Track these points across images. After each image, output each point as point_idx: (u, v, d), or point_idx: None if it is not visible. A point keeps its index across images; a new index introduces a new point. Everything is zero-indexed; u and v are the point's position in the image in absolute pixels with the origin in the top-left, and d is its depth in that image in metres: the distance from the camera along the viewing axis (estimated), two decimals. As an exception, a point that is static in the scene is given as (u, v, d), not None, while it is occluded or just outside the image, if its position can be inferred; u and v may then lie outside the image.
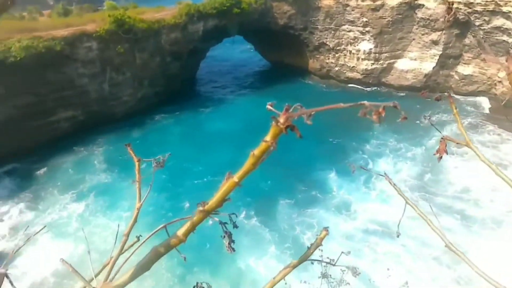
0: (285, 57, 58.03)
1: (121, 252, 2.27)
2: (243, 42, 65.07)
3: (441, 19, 42.79)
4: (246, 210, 28.96)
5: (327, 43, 51.13)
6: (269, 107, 1.45)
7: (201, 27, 46.31)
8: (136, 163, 2.48)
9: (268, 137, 1.37)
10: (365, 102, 1.39)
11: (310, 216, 29.33)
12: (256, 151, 1.42)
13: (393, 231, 26.46)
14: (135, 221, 2.36)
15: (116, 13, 40.20)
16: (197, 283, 2.97)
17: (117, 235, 2.79)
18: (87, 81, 39.09)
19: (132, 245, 2.38)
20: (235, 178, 1.47)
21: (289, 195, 31.32)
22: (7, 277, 2.21)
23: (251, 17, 49.09)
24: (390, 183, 2.83)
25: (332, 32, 50.09)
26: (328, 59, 52.29)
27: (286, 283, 2.51)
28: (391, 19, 45.32)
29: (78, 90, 38.85)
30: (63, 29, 38.30)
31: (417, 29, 45.55)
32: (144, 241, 2.11)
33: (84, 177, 34.07)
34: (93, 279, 2.15)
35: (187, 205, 30.11)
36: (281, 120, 1.34)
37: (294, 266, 2.32)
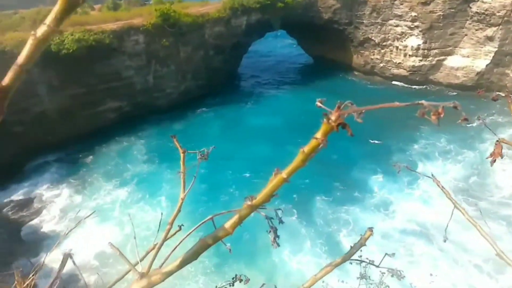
0: (328, 52, 56.92)
1: (165, 240, 2.35)
2: (285, 37, 64.66)
3: (498, 14, 40.10)
4: (284, 204, 28.93)
5: (373, 38, 49.57)
6: (319, 103, 1.44)
7: (244, 21, 46.42)
8: (182, 155, 2.53)
9: (318, 134, 1.35)
10: (423, 101, 1.29)
11: (346, 213, 28.99)
12: (306, 148, 1.39)
13: (432, 233, 25.69)
14: (179, 210, 2.43)
15: (163, 7, 41.16)
16: (236, 275, 3.09)
17: (160, 223, 2.87)
18: (133, 73, 40.41)
19: (174, 234, 2.45)
20: (284, 174, 1.45)
21: (327, 193, 30.97)
22: (71, 257, 2.29)
23: (294, 12, 48.55)
24: (438, 186, 2.74)
25: (378, 27, 48.47)
26: (373, 55, 50.73)
27: (323, 281, 2.47)
28: (442, 14, 43.10)
29: (124, 82, 40.27)
30: (112, 23, 39.76)
31: (470, 24, 43.01)
32: (191, 232, 2.14)
33: (126, 166, 35.39)
34: (138, 263, 2.25)
35: (225, 198, 30.47)
36: (333, 117, 1.31)
37: (336, 265, 2.31)
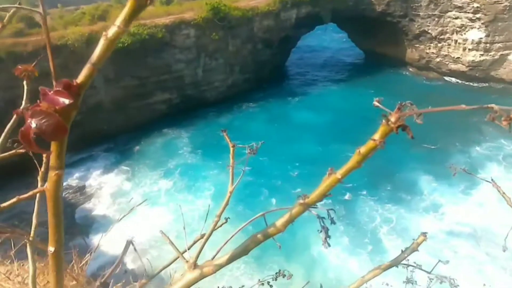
0: (380, 46, 54.81)
1: (212, 231, 2.46)
2: (335, 30, 63.09)
3: None
4: (325, 200, 28.46)
5: (429, 31, 47.03)
6: (376, 103, 1.43)
7: (294, 14, 45.87)
8: (231, 149, 2.58)
9: (376, 136, 1.34)
10: (494, 105, 1.20)
11: (389, 212, 28.14)
12: (363, 149, 1.38)
13: (483, 239, 24.30)
14: (227, 204, 2.50)
15: (213, 1, 41.67)
16: (279, 270, 3.23)
17: (207, 214, 3.01)
18: (183, 66, 41.41)
19: (220, 226, 2.52)
20: (338, 174, 1.45)
21: (372, 191, 30.11)
22: (132, 244, 2.35)
23: (345, 4, 47.26)
24: (499, 191, 2.61)
25: (436, 19, 45.87)
26: (429, 49, 48.15)
27: (366, 283, 2.49)
28: (508, 4, 39.92)
29: (174, 75, 41.39)
30: (165, 17, 40.91)
31: (541, 15, 39.51)
32: (243, 226, 2.17)
33: (172, 157, 36.42)
34: (186, 251, 2.40)
35: (268, 194, 30.40)
36: (392, 119, 1.28)
37: (385, 269, 2.30)
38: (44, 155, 3.05)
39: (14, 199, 2.08)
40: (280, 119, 42.13)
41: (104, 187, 33.13)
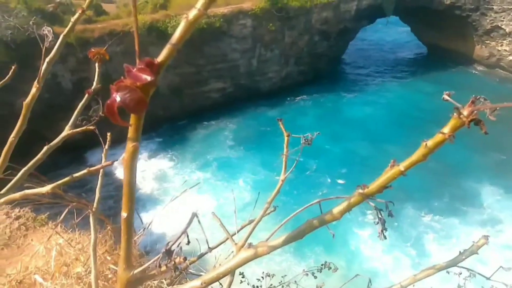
0: (445, 41, 51.63)
1: (262, 216, 2.52)
2: (397, 24, 60.20)
3: None
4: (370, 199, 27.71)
5: (503, 26, 43.48)
6: (446, 97, 1.38)
7: (354, 6, 44.43)
8: (286, 138, 2.66)
9: (446, 129, 1.29)
10: None
11: (439, 223, 26.55)
12: (430, 143, 1.34)
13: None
14: (278, 192, 2.56)
15: (272, -9, 41.48)
16: (325, 262, 3.33)
17: (256, 201, 3.12)
18: (238, 56, 41.80)
19: (269, 213, 2.59)
20: (401, 167, 1.42)
21: (425, 196, 28.46)
22: (196, 216, 2.52)
23: (410, -4, 44.93)
24: None
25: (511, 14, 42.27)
26: (501, 46, 44.57)
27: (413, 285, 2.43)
28: None
29: (229, 64, 41.93)
30: (223, 7, 41.42)
31: None
32: (297, 213, 2.26)
33: (217, 147, 37.04)
34: (235, 233, 2.55)
35: (315, 189, 29.94)
36: (465, 112, 1.22)
37: (440, 269, 2.26)
38: (108, 135, 3.21)
39: (84, 171, 2.21)
40: (332, 115, 41.10)
41: (151, 170, 34.43)
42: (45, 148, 2.39)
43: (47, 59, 2.23)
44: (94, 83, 2.59)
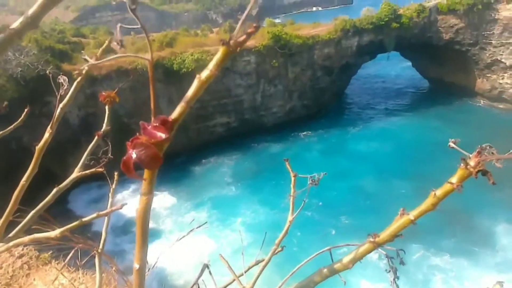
0: (447, 75, 52.34)
1: (271, 258, 2.49)
2: (398, 58, 61.39)
3: None
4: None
5: (503, 60, 44.16)
6: (452, 144, 1.43)
7: (355, 42, 45.53)
8: (292, 178, 2.61)
9: (453, 179, 1.33)
10: None
11: (451, 263, 25.32)
12: (439, 192, 1.38)
13: None
14: (286, 233, 2.52)
15: (275, 29, 42.76)
16: None
17: (263, 242, 2.98)
18: (242, 91, 42.52)
19: (277, 253, 2.55)
20: (411, 216, 1.45)
21: (435, 236, 26.94)
22: (208, 268, 2.45)
23: (410, 32, 46.03)
24: None
25: (511, 48, 43.08)
26: (502, 79, 45.06)
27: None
28: None
29: (234, 99, 42.59)
30: (228, 44, 42.62)
31: None
32: (307, 262, 2.21)
33: (218, 185, 36.41)
34: (242, 274, 2.47)
35: (316, 227, 28.78)
36: (472, 163, 1.26)
37: None
38: (116, 174, 3.18)
39: (94, 215, 2.18)
40: (337, 150, 40.86)
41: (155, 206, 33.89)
42: (55, 190, 2.38)
43: (61, 105, 2.26)
44: (104, 125, 2.60)
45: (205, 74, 1.15)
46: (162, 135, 1.10)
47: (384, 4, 45.90)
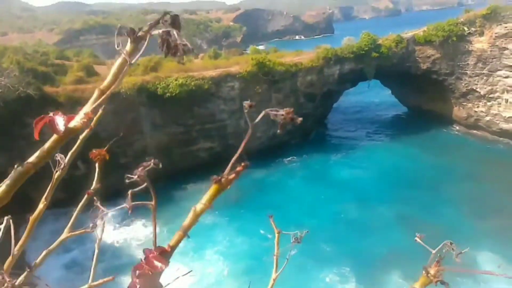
0: (425, 103, 54.01)
1: None
2: (379, 86, 63.13)
3: None
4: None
5: (477, 89, 45.90)
6: (418, 240, 1.58)
7: (337, 70, 46.70)
8: (276, 235, 2.59)
9: (417, 285, 1.40)
10: None
11: None
12: None
13: None
14: None
15: (259, 56, 43.60)
16: None
17: None
18: (226, 116, 42.69)
19: None
20: None
21: (413, 267, 27.10)
22: None
23: (389, 61, 47.57)
24: None
25: (484, 78, 44.88)
26: (478, 107, 46.68)
27: None
28: None
29: (217, 124, 42.67)
30: (212, 70, 43.11)
31: None
32: None
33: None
34: None
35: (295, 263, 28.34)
36: (432, 272, 1.36)
37: None
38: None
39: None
40: (320, 177, 40.91)
41: (121, 237, 32.57)
42: (44, 253, 2.27)
43: (56, 175, 2.22)
44: (94, 183, 2.55)
45: (199, 207, 1.36)
46: (162, 266, 1.28)
47: (364, 34, 47.53)
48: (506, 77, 42.88)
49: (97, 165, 2.39)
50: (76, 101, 35.53)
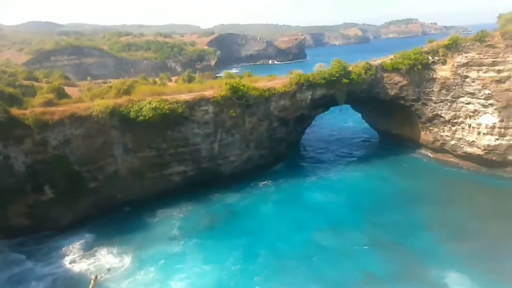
0: (394, 127, 55.92)
1: None
2: (350, 111, 65.04)
3: None
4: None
5: (442, 115, 47.93)
6: None
7: (309, 95, 47.73)
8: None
9: None
10: None
11: None
12: None
13: None
14: None
15: (232, 81, 44.01)
16: None
17: None
18: (200, 140, 42.51)
19: None
20: None
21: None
22: None
23: (359, 87, 49.14)
24: None
25: (448, 104, 47.00)
26: (443, 131, 48.64)
27: None
28: (520, 92, 40.89)
29: (191, 148, 42.36)
30: (186, 93, 43.13)
31: (553, 104, 40.12)
32: None
33: (168, 240, 34.03)
34: None
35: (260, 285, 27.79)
36: None
37: None
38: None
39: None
40: (293, 201, 40.95)
41: (85, 264, 30.89)
42: None
43: None
44: None
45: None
46: None
47: (335, 61, 49.07)
48: (468, 104, 45.06)
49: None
50: (45, 123, 34.56)
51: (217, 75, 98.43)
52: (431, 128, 50.10)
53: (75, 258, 31.88)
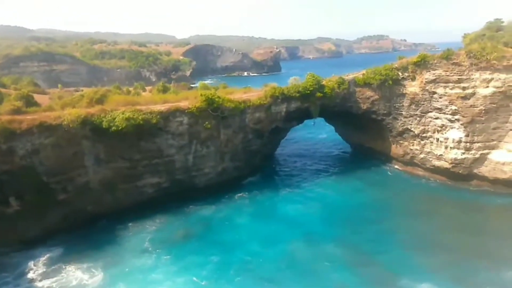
0: (366, 140, 57.33)
1: None
2: (324, 124, 66.20)
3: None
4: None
5: (412, 129, 49.56)
6: None
7: (284, 108, 48.29)
8: None
9: None
10: None
11: None
12: None
13: None
14: None
15: (208, 92, 43.95)
16: None
17: None
18: (174, 151, 42.06)
19: None
20: None
21: None
22: None
23: (333, 101, 50.16)
24: None
25: (418, 118, 48.67)
26: (413, 145, 50.25)
27: None
28: (484, 108, 42.87)
29: (165, 159, 41.81)
30: (160, 104, 42.69)
31: (514, 120, 42.29)
32: None
33: (139, 252, 33.31)
34: None
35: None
36: None
37: None
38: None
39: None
40: (267, 213, 41.01)
41: (55, 276, 29.97)
42: None
43: None
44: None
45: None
46: None
47: (309, 75, 49.96)
48: (436, 118, 46.83)
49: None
50: (13, 132, 33.31)
51: (192, 85, 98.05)
52: (401, 142, 51.64)
53: (38, 274, 30.37)
